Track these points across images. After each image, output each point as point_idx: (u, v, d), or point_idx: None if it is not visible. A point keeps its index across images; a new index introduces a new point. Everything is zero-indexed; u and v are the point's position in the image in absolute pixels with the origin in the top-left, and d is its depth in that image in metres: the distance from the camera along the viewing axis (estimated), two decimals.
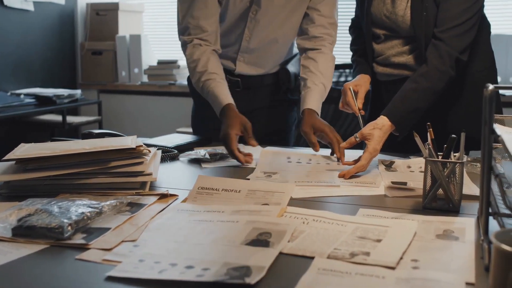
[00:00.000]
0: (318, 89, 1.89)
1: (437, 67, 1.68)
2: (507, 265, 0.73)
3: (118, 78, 4.48)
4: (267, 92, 2.10)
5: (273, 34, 1.99)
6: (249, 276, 0.87)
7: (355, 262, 0.93)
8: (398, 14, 1.76)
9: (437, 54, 1.68)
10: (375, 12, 1.83)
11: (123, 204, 1.24)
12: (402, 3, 1.76)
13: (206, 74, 1.88)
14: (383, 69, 1.88)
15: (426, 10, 1.71)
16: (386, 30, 1.83)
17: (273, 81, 2.10)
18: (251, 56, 2.03)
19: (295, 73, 2.12)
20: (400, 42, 1.82)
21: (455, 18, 1.68)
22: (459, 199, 1.23)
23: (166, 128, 3.77)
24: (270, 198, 1.29)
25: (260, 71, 2.07)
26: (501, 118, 1.21)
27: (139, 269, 0.91)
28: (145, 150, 1.42)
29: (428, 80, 1.67)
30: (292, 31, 2.02)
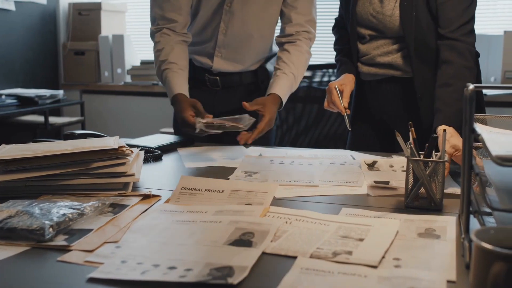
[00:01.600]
0: (287, 78, 1.94)
1: (464, 65, 1.70)
2: (487, 262, 0.74)
3: (101, 78, 4.45)
4: (246, 91, 2.11)
5: (249, 27, 2.00)
6: (232, 276, 0.87)
7: (337, 261, 0.93)
8: (386, 14, 1.77)
9: (457, 52, 1.71)
10: (361, 12, 1.83)
11: (106, 205, 1.23)
12: (390, 2, 1.77)
13: (165, 63, 1.93)
14: (368, 68, 1.89)
15: (416, 11, 1.73)
16: (372, 30, 1.84)
17: (252, 80, 2.11)
18: (228, 51, 2.04)
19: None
20: (385, 42, 1.83)
21: (461, 16, 1.72)
22: (440, 198, 1.24)
23: (149, 128, 3.76)
24: (253, 198, 1.29)
25: (238, 68, 2.08)
26: (483, 117, 1.22)
27: (121, 270, 0.91)
28: (128, 151, 1.42)
29: (461, 79, 1.67)
30: (268, 25, 2.04)
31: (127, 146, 1.45)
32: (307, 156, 1.76)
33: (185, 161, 1.74)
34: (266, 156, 1.77)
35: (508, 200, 0.94)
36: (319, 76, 2.72)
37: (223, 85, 2.08)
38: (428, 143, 1.26)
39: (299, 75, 1.99)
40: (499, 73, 3.66)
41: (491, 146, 0.91)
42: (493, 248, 0.73)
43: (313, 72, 2.73)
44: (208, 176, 1.47)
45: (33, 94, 3.85)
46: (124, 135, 2.08)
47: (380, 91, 1.89)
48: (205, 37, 2.03)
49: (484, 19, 3.86)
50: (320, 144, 2.65)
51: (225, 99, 2.10)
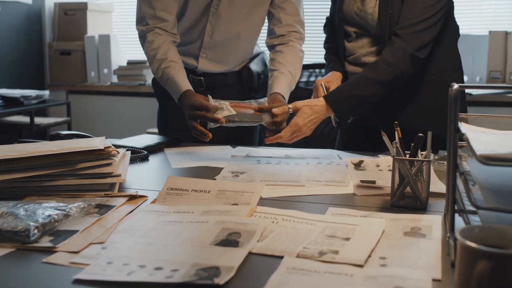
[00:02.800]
0: (285, 77, 1.92)
1: (386, 59, 1.70)
2: (472, 261, 0.74)
3: (87, 78, 4.43)
4: (230, 92, 2.10)
5: (236, 29, 2.00)
6: (218, 277, 0.87)
7: (324, 261, 0.93)
8: (368, 12, 1.78)
9: (390, 48, 1.71)
10: (347, 9, 1.84)
11: (91, 206, 1.22)
12: (372, 1, 1.78)
13: (166, 61, 1.90)
14: (354, 68, 1.89)
15: (392, 8, 1.73)
16: (356, 28, 1.85)
17: (236, 80, 2.11)
18: (213, 53, 2.03)
19: (258, 72, 2.13)
20: (369, 40, 1.84)
21: (415, 15, 1.70)
22: (426, 197, 1.24)
23: (136, 128, 3.75)
24: (239, 198, 1.29)
25: (223, 68, 2.08)
26: (466, 116, 1.23)
27: (107, 271, 0.91)
28: (114, 151, 1.41)
29: (373, 70, 1.71)
30: (254, 27, 2.04)
31: (113, 146, 1.45)
32: (294, 156, 1.77)
33: (172, 162, 1.74)
34: (253, 156, 1.77)
35: (493, 198, 0.95)
36: (305, 76, 2.72)
37: (207, 86, 2.08)
38: (414, 143, 1.27)
39: (296, 73, 1.98)
40: (484, 73, 3.69)
41: (476, 145, 0.91)
42: (478, 246, 0.74)
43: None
44: (194, 176, 1.47)
45: (19, 94, 3.82)
46: (111, 135, 2.08)
47: None
48: (190, 38, 2.02)
49: (469, 20, 3.89)
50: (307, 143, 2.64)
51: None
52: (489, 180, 1.04)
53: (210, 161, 1.73)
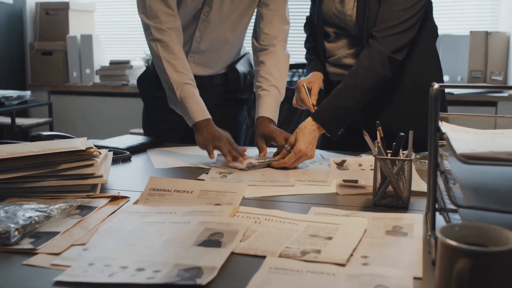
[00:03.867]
0: (270, 94, 1.90)
1: (364, 65, 1.69)
2: (452, 258, 0.75)
3: (69, 79, 4.40)
4: (217, 92, 2.11)
5: (224, 35, 2.00)
6: (201, 277, 0.87)
7: (306, 260, 0.94)
8: (347, 13, 1.78)
9: (367, 52, 1.70)
10: (326, 10, 1.84)
11: (73, 207, 1.21)
12: (350, 2, 1.78)
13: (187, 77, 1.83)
14: (335, 69, 1.90)
15: (369, 10, 1.73)
16: (335, 28, 1.85)
17: (222, 81, 2.11)
18: (201, 57, 2.03)
19: (244, 72, 2.13)
20: (348, 41, 1.84)
21: (392, 18, 1.69)
22: (408, 196, 1.25)
23: (119, 129, 3.73)
24: (222, 198, 1.29)
25: (209, 72, 2.08)
26: (446, 116, 1.24)
27: (89, 273, 0.90)
28: (96, 152, 1.40)
29: (352, 78, 1.70)
30: (242, 32, 2.05)
31: (95, 147, 1.44)
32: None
33: (154, 162, 1.73)
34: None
35: (473, 197, 0.96)
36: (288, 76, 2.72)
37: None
38: (396, 142, 1.28)
39: (281, 83, 1.96)
40: (465, 73, 3.73)
41: (456, 144, 0.92)
42: (458, 244, 0.74)
43: None
44: (177, 177, 1.46)
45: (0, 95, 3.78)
46: (94, 136, 2.07)
47: None
48: None
49: (450, 20, 3.92)
50: None
51: None
52: (470, 178, 1.05)
53: (193, 161, 1.73)
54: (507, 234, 0.78)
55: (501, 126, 1.24)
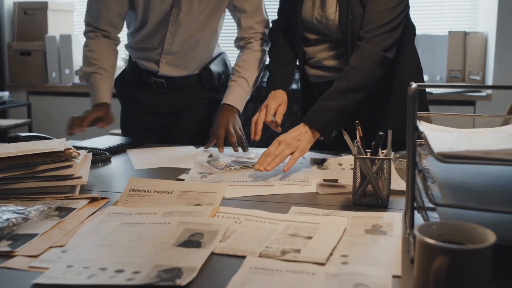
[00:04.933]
0: (237, 84, 1.99)
1: (354, 66, 1.67)
2: (430, 256, 0.75)
3: (48, 79, 4.35)
4: (192, 92, 2.14)
5: (195, 36, 2.03)
6: (180, 278, 0.86)
7: (286, 260, 0.94)
8: (329, 18, 1.77)
9: (357, 54, 1.69)
10: (306, 16, 1.83)
11: (52, 209, 1.20)
12: (332, 6, 1.77)
13: (96, 67, 2.01)
14: (315, 71, 1.89)
15: (352, 13, 1.73)
16: (316, 34, 1.84)
17: (197, 81, 2.14)
18: (173, 58, 2.06)
19: (219, 72, 2.17)
20: (330, 45, 1.84)
21: (379, 18, 1.68)
22: (387, 195, 1.26)
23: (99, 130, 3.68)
24: (202, 199, 1.29)
25: (183, 73, 2.11)
26: (426, 115, 1.25)
27: (67, 275, 0.89)
28: (74, 153, 1.39)
29: (342, 80, 1.66)
30: (212, 32, 2.08)
31: (74, 148, 1.43)
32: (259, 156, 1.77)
33: (134, 163, 1.72)
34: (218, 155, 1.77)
35: (450, 195, 0.97)
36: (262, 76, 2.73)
37: (168, 87, 2.10)
38: (375, 141, 1.29)
39: (251, 75, 2.01)
40: (444, 72, 3.76)
41: (433, 143, 0.93)
42: (435, 242, 0.75)
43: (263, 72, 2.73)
44: (157, 177, 1.46)
45: None
46: (73, 137, 2.05)
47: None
48: (151, 45, 2.05)
49: (429, 20, 3.96)
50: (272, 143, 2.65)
51: (171, 100, 2.13)
52: (447, 177, 1.06)
53: (173, 161, 1.72)
54: (484, 232, 0.79)
55: (479, 125, 1.25)
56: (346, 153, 1.76)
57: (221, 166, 1.59)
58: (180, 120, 2.14)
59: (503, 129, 1.15)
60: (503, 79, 3.55)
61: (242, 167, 1.61)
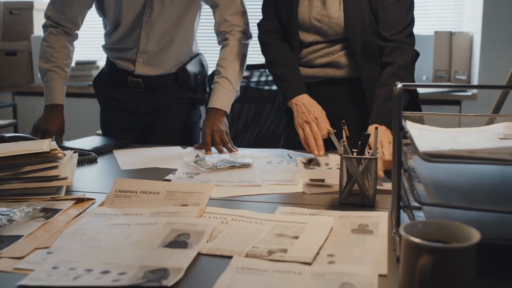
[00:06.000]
0: (220, 85, 2.01)
1: (403, 66, 1.73)
2: (415, 255, 0.76)
3: (34, 79, 4.32)
4: (169, 92, 2.16)
5: (170, 34, 2.05)
6: (166, 278, 0.86)
7: (272, 260, 0.94)
8: (332, 16, 1.78)
9: (399, 54, 1.74)
10: (303, 16, 1.83)
11: (37, 210, 1.20)
12: (335, 4, 1.78)
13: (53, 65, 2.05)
14: (306, 70, 1.89)
15: (362, 15, 1.75)
16: (313, 34, 1.84)
17: (173, 81, 2.16)
18: (149, 57, 2.08)
19: (195, 72, 2.18)
20: (326, 45, 1.84)
21: (404, 19, 1.77)
22: (373, 194, 1.27)
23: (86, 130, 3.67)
24: (189, 199, 1.28)
25: (159, 71, 2.12)
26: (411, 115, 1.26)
27: (53, 277, 0.89)
28: (60, 154, 1.38)
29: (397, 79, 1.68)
30: (188, 30, 2.09)
31: (60, 149, 1.42)
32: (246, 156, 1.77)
33: (121, 163, 1.71)
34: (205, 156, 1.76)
35: (436, 194, 0.97)
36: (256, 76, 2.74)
37: (145, 87, 2.11)
38: (361, 141, 1.29)
39: (232, 73, 2.03)
40: (430, 72, 3.78)
41: (419, 142, 0.94)
42: (420, 241, 0.75)
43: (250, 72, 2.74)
44: (144, 178, 1.45)
45: None
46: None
47: (318, 92, 1.91)
48: (126, 45, 2.07)
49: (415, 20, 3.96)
50: (259, 143, 2.67)
51: (148, 100, 2.15)
52: (433, 176, 1.06)
53: (160, 162, 1.71)
54: (469, 230, 0.79)
55: (464, 125, 1.26)
56: (333, 152, 1.77)
57: (208, 166, 1.59)
58: (158, 120, 2.16)
59: (487, 128, 1.16)
60: (488, 78, 3.57)
61: (229, 167, 1.61)
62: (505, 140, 1.04)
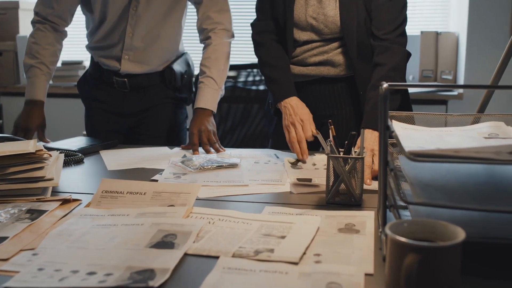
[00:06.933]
0: (205, 85, 2.00)
1: (394, 67, 1.73)
2: (401, 254, 0.76)
3: (20, 79, 4.29)
4: (154, 92, 2.15)
5: (156, 29, 2.04)
6: (153, 279, 0.86)
7: (259, 260, 0.94)
8: (328, 14, 1.79)
9: (390, 54, 1.74)
10: (298, 15, 1.83)
11: (23, 212, 1.19)
12: (331, 3, 1.79)
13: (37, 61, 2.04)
14: (300, 69, 1.89)
15: (358, 14, 1.76)
16: (309, 33, 1.84)
17: (159, 80, 2.15)
18: (135, 54, 2.07)
19: (181, 71, 2.18)
20: (321, 44, 1.84)
21: (396, 18, 1.77)
22: (360, 193, 1.27)
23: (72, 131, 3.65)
24: (176, 199, 1.28)
25: (145, 69, 2.10)
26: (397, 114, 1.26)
27: (38, 278, 0.88)
28: (46, 155, 1.37)
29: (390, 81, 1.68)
30: (173, 26, 2.09)
31: (46, 149, 1.41)
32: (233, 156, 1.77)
33: (108, 164, 1.71)
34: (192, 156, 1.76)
35: (421, 193, 0.98)
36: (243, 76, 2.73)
37: (131, 87, 2.11)
38: (347, 140, 1.29)
39: (217, 72, 2.03)
40: (417, 72, 3.80)
41: (404, 142, 0.94)
42: (406, 240, 0.76)
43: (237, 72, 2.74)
44: (131, 178, 1.45)
45: None
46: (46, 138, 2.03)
47: (310, 92, 1.91)
48: (112, 41, 2.06)
49: None
50: (246, 143, 2.67)
51: (134, 100, 2.14)
52: (419, 175, 1.07)
53: (147, 162, 1.71)
54: (454, 229, 0.80)
55: (450, 124, 1.27)
56: (320, 152, 1.77)
57: (195, 166, 1.59)
58: (145, 121, 2.15)
59: (473, 127, 1.17)
60: (474, 78, 3.60)
61: (216, 167, 1.61)
62: (489, 140, 1.05)
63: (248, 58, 3.81)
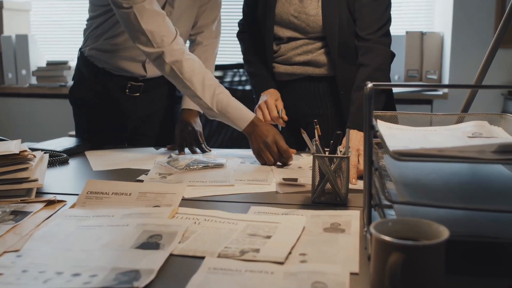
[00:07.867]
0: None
1: (378, 67, 1.74)
2: (385, 253, 0.77)
3: (4, 80, 4.25)
4: (163, 93, 2.12)
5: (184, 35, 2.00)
6: (138, 280, 0.85)
7: (245, 260, 0.94)
8: (310, 13, 1.79)
9: (374, 55, 1.75)
10: (280, 12, 1.84)
11: (6, 213, 1.18)
12: (313, 2, 1.79)
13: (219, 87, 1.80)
14: (285, 68, 1.90)
15: (340, 14, 1.76)
16: (291, 31, 1.85)
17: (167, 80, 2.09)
18: None
19: None
20: (304, 42, 1.85)
21: (380, 18, 1.78)
22: (345, 193, 1.27)
23: (57, 131, 3.63)
24: (161, 200, 1.28)
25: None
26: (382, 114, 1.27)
27: (22, 280, 0.87)
28: (30, 155, 1.36)
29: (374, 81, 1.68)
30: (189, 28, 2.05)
31: (30, 150, 1.40)
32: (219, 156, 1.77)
33: (93, 164, 1.70)
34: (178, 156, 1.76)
35: (406, 193, 0.98)
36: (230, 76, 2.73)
37: (143, 90, 2.04)
38: (333, 140, 1.30)
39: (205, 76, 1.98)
40: (402, 72, 3.83)
41: (389, 141, 0.95)
42: (390, 239, 0.76)
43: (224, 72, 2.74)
44: (116, 179, 1.44)
45: None
46: (31, 139, 2.01)
47: (295, 90, 1.92)
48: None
49: None
50: (233, 143, 2.66)
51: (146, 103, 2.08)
52: (403, 175, 1.08)
53: (132, 163, 1.70)
54: (438, 228, 0.80)
55: (435, 123, 1.28)
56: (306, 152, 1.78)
57: (181, 167, 1.59)
58: (151, 121, 2.12)
59: (457, 127, 1.17)
60: (458, 78, 3.63)
61: (202, 167, 1.60)
62: (473, 139, 1.06)
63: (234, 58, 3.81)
